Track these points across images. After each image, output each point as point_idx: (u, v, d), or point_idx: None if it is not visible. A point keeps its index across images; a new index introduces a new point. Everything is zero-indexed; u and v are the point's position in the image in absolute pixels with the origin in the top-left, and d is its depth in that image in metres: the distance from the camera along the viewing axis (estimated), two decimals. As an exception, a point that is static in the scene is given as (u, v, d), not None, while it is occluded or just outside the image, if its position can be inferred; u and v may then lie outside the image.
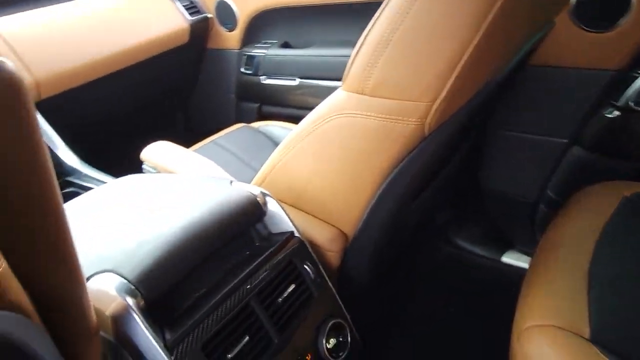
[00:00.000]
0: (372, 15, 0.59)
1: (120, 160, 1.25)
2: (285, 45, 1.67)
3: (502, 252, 1.41)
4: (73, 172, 1.17)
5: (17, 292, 0.38)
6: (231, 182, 0.73)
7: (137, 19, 1.53)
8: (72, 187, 1.17)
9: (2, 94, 0.32)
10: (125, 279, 0.55)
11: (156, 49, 1.56)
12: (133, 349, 0.55)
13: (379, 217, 0.72)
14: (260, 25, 1.69)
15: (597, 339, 0.64)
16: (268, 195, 0.70)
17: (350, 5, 1.45)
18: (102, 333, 0.58)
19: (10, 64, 0.33)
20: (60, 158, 1.17)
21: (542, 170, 1.19)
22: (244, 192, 0.69)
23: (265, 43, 1.70)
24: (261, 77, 1.69)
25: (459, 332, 1.17)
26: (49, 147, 1.18)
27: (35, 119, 0.36)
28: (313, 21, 1.59)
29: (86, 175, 1.16)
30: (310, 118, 0.71)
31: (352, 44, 0.61)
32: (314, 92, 1.58)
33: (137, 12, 1.54)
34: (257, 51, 1.68)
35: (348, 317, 0.75)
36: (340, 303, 0.74)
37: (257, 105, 1.79)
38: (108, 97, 1.53)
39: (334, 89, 0.67)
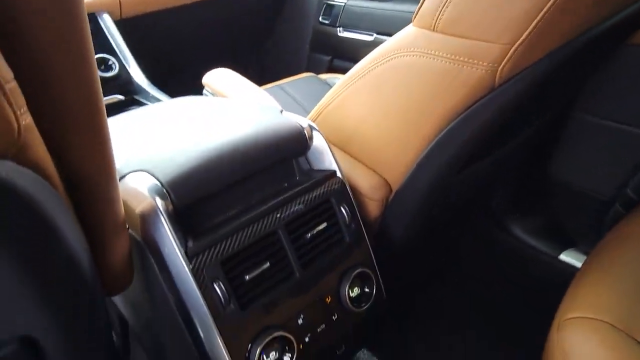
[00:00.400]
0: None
1: (188, 91, 1.28)
2: (369, -4, 1.61)
3: (562, 250, 1.30)
4: (141, 91, 1.20)
5: (42, 154, 0.38)
6: (281, 111, 0.71)
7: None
8: (135, 106, 1.20)
9: None
10: (159, 180, 0.55)
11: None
12: (156, 250, 0.56)
13: (428, 174, 0.67)
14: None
15: None
16: (316, 130, 0.67)
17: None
18: (130, 231, 0.59)
19: None
20: (131, 76, 1.21)
21: (624, 165, 1.06)
22: (291, 122, 0.66)
23: (348, -7, 1.64)
24: (338, 29, 1.64)
25: (481, 322, 1.11)
26: (122, 65, 1.22)
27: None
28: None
29: (152, 96, 1.19)
30: (371, 55, 0.66)
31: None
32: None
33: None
34: (338, 1, 1.63)
35: (377, 270, 0.71)
36: (372, 254, 0.71)
37: (329, 58, 1.75)
38: (185, 27, 1.55)
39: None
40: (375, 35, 1.54)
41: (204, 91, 0.98)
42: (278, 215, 0.61)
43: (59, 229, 0.39)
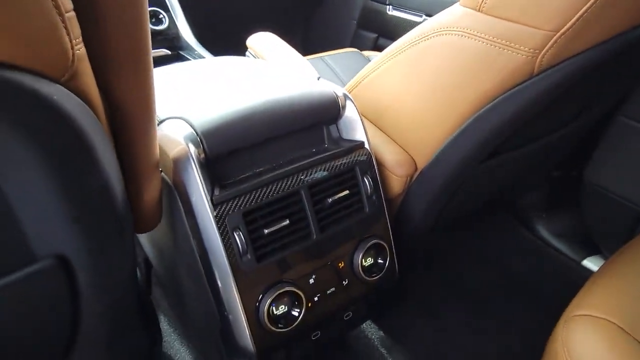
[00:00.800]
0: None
1: (232, 51, 1.30)
2: (423, -24, 1.58)
3: (586, 256, 1.28)
4: (187, 47, 1.24)
5: (91, 85, 0.41)
6: (319, 78, 0.72)
7: None
8: (180, 61, 1.24)
9: None
10: (194, 129, 0.58)
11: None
12: (184, 194, 0.59)
13: (455, 156, 0.67)
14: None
15: None
16: (350, 100, 0.68)
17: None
18: (163, 174, 0.62)
19: None
20: (179, 31, 1.24)
21: (665, 178, 1.03)
22: (326, 89, 0.67)
23: (402, -29, 1.62)
24: (388, 7, 1.62)
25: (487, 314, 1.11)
26: (172, 20, 1.25)
27: None
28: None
29: (197, 53, 1.22)
30: (414, 31, 0.66)
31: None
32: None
33: None
34: (391, -22, 1.61)
35: (393, 244, 0.73)
36: (389, 228, 0.72)
37: (375, 36, 1.73)
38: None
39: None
40: (424, 16, 1.51)
41: (247, 53, 1.00)
42: (302, 177, 0.63)
43: (98, 155, 0.42)
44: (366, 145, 0.69)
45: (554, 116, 0.76)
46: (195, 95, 0.68)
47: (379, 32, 1.71)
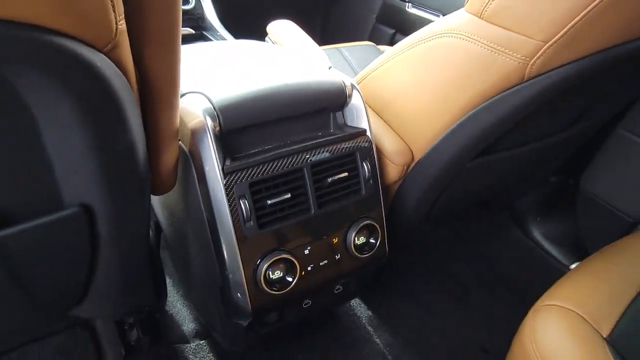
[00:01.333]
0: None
1: (252, 35, 1.35)
2: (443, -23, 1.61)
3: (575, 261, 1.33)
4: (210, 28, 1.29)
5: (127, 56, 0.47)
6: (330, 67, 0.78)
7: None
8: (203, 41, 1.30)
9: None
10: (212, 104, 0.64)
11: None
12: (199, 162, 0.65)
13: (449, 149, 0.73)
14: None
15: (614, 342, 0.62)
16: (356, 89, 0.74)
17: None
18: (181, 143, 0.68)
19: None
20: (204, 12, 1.30)
21: (657, 192, 1.08)
22: (335, 78, 0.73)
23: (425, -30, 1.65)
24: (407, 4, 1.66)
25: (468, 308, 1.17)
26: (198, 1, 1.31)
27: None
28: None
29: (220, 35, 1.28)
30: (421, 31, 0.71)
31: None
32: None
33: None
34: (413, -23, 1.64)
35: (385, 226, 0.79)
36: (383, 211, 0.78)
37: (392, 31, 1.78)
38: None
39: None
40: (441, 16, 1.55)
41: (267, 38, 1.05)
42: (306, 157, 0.69)
43: (127, 119, 0.48)
44: (368, 133, 0.74)
45: (544, 123, 0.81)
46: (215, 74, 0.74)
47: (397, 28, 1.76)
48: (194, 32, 1.27)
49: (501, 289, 1.26)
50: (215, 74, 0.73)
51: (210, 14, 1.29)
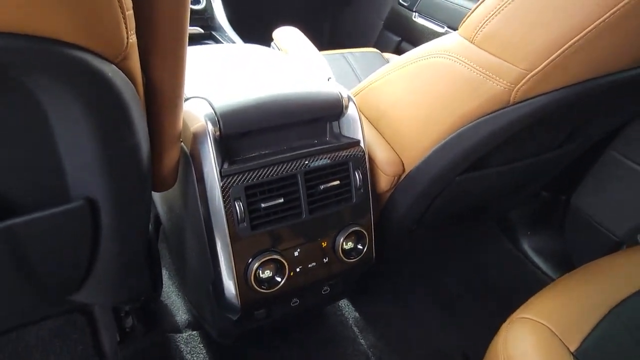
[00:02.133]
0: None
1: (259, 38, 1.39)
2: (450, -10, 1.64)
3: (562, 273, 1.36)
4: (219, 28, 1.33)
5: (136, 66, 0.51)
6: (329, 78, 0.81)
7: None
8: (211, 41, 1.34)
9: None
10: (214, 109, 0.68)
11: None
12: (198, 164, 0.69)
13: (439, 162, 0.76)
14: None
15: (580, 356, 0.66)
16: (352, 101, 0.78)
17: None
18: (182, 144, 0.72)
19: None
20: (214, 13, 1.34)
21: (644, 213, 1.11)
22: (333, 90, 0.77)
23: (433, -19, 1.68)
24: (414, 14, 1.70)
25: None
26: (208, 1, 1.34)
27: None
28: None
29: (228, 36, 1.32)
30: (416, 50, 0.75)
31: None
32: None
33: None
34: (421, -13, 1.67)
35: (373, 233, 0.82)
36: (372, 219, 0.82)
37: (398, 39, 1.81)
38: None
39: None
40: (446, 27, 1.58)
41: (272, 44, 1.09)
42: (301, 164, 0.73)
43: (134, 122, 0.52)
44: (361, 144, 0.78)
45: (533, 142, 0.84)
46: (219, 79, 0.77)
47: (403, 36, 1.79)
48: (203, 31, 1.31)
49: (487, 297, 1.29)
50: (218, 79, 0.77)
51: (220, 14, 1.33)
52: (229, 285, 0.73)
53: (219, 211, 0.69)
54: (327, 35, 2.10)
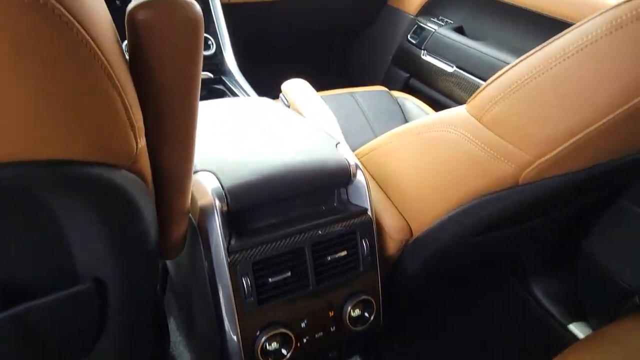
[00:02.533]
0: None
1: (269, 83, 1.40)
2: (459, 29, 1.65)
3: (572, 320, 1.34)
4: (229, 74, 1.34)
5: (145, 163, 0.51)
6: (337, 144, 0.81)
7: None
8: (221, 85, 1.35)
9: (194, 27, 0.43)
10: (222, 185, 0.68)
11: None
12: (206, 238, 0.69)
13: (447, 231, 0.76)
14: (444, 1, 1.68)
15: None
16: (360, 169, 0.78)
17: (540, 16, 1.37)
18: (190, 215, 0.72)
19: (198, 7, 0.43)
20: (224, 58, 1.35)
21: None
22: (342, 158, 0.77)
23: (441, 20, 1.69)
24: (422, 52, 1.70)
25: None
26: (219, 46, 1.36)
27: (201, 46, 0.47)
28: (496, 16, 1.54)
29: (237, 82, 1.33)
30: (428, 120, 0.75)
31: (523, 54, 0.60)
32: (465, 86, 1.56)
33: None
34: (430, 25, 1.68)
35: (381, 301, 0.82)
36: (379, 287, 0.81)
37: (407, 75, 1.81)
38: (280, 20, 1.67)
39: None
40: (455, 67, 1.58)
41: (280, 95, 1.10)
42: (307, 236, 0.72)
43: (143, 215, 0.52)
44: (369, 212, 0.78)
45: (543, 212, 0.84)
46: (226, 147, 0.78)
47: (411, 73, 1.79)
48: (212, 76, 1.32)
49: (497, 344, 1.27)
50: (226, 148, 0.77)
51: (230, 60, 1.34)
52: (236, 356, 0.73)
53: (226, 285, 0.69)
54: (334, 72, 2.12)
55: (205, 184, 0.69)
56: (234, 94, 1.31)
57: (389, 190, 0.84)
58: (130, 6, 0.41)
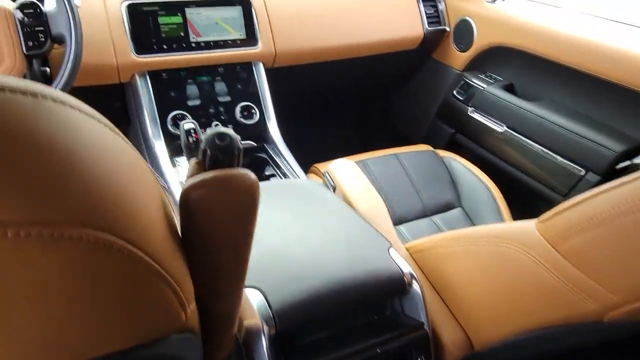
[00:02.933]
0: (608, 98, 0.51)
1: (310, 134, 1.36)
2: (509, 87, 1.58)
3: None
4: (272, 142, 1.33)
5: (195, 320, 0.48)
6: (389, 248, 0.76)
7: (380, 16, 1.58)
8: (264, 154, 1.33)
9: (249, 195, 0.40)
10: (269, 305, 0.64)
11: (384, 49, 1.61)
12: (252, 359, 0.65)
13: (517, 353, 0.69)
14: (493, 57, 1.62)
15: None
16: (415, 279, 0.72)
17: (594, 79, 1.28)
18: (236, 332, 0.69)
19: (253, 175, 0.40)
20: (267, 127, 1.34)
21: None
22: (395, 268, 0.72)
23: (489, 76, 1.63)
24: (469, 108, 1.64)
25: None
26: (262, 115, 1.34)
27: (257, 207, 0.44)
28: (549, 76, 1.46)
29: (280, 151, 1.30)
30: (489, 231, 0.69)
31: (580, 118, 0.55)
32: (517, 147, 1.48)
33: (384, 9, 1.60)
34: (478, 82, 1.62)
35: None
36: (436, 405, 0.74)
37: (452, 131, 1.75)
38: (322, 80, 1.65)
39: (537, 153, 0.58)
40: (505, 127, 1.51)
41: (326, 175, 1.06)
42: (361, 357, 0.67)
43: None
44: (425, 327, 0.72)
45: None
46: (274, 252, 0.74)
47: (457, 129, 1.73)
48: (255, 145, 1.31)
49: None
50: (273, 253, 0.73)
51: (274, 129, 1.32)
52: None
53: (274, 413, 0.64)
54: (380, 131, 2.08)
55: (252, 302, 0.65)
56: (276, 163, 1.28)
57: (446, 296, 0.77)
58: (185, 186, 0.38)
